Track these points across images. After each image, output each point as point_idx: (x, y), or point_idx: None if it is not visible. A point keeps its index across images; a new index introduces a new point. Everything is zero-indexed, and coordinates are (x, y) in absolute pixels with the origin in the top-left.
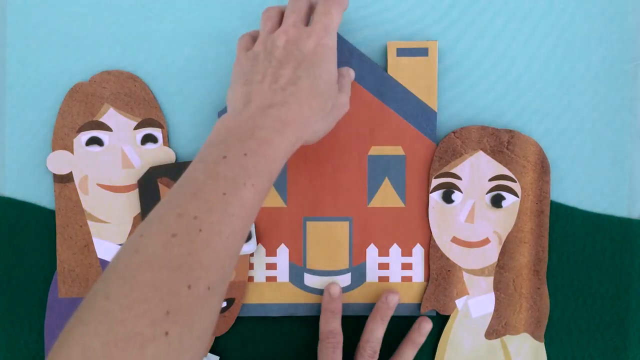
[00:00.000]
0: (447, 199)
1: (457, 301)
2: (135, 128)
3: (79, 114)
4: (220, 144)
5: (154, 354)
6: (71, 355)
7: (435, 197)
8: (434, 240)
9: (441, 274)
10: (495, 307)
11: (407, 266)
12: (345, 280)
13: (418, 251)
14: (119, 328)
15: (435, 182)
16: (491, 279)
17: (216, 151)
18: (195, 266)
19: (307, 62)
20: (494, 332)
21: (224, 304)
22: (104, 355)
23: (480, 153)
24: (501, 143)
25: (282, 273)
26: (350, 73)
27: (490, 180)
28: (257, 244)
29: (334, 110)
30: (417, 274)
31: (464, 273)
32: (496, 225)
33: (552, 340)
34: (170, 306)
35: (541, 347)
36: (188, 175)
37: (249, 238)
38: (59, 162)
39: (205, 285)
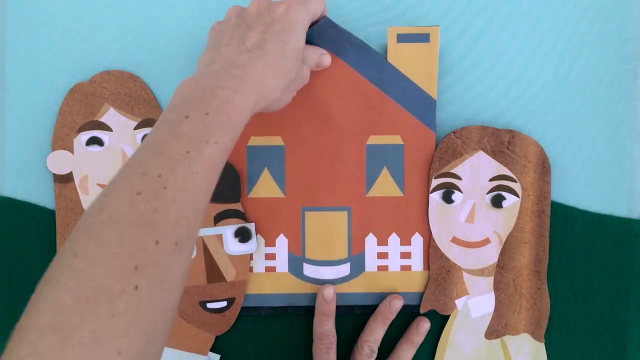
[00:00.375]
0: (447, 199)
1: (457, 301)
2: (136, 128)
3: (79, 114)
4: (182, 104)
5: (125, 307)
6: (42, 312)
7: (436, 197)
8: (434, 240)
9: (441, 274)
10: (495, 307)
11: (406, 255)
12: (344, 270)
13: (417, 240)
14: (88, 283)
15: (435, 182)
16: (491, 279)
17: (178, 111)
18: (162, 222)
19: (277, 26)
20: (494, 332)
21: (224, 304)
22: (75, 310)
23: (481, 153)
24: (502, 143)
25: (282, 263)
26: (318, 52)
27: (491, 180)
28: (257, 234)
29: (297, 79)
30: (416, 263)
31: (464, 273)
32: (496, 225)
33: (552, 340)
34: (138, 261)
35: (541, 347)
36: (151, 136)
37: (249, 238)
38: (59, 162)
39: (172, 240)
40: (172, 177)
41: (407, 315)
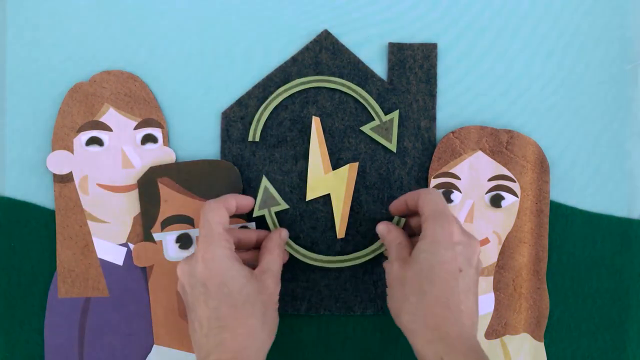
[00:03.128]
0: (447, 198)
1: None
2: (135, 128)
3: (79, 114)
4: None
5: None
6: None
7: None
8: None
9: None
10: (495, 307)
11: None
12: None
13: None
14: None
15: (434, 182)
16: (491, 278)
17: None
18: None
19: (211, 286)
20: (494, 332)
21: None
22: None
23: (480, 153)
24: (500, 143)
25: None
26: (277, 260)
27: (490, 180)
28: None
29: (266, 302)
30: None
31: None
32: (496, 225)
33: (552, 340)
34: None
35: (541, 347)
36: None
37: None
38: (59, 162)
39: None
40: None
41: None
